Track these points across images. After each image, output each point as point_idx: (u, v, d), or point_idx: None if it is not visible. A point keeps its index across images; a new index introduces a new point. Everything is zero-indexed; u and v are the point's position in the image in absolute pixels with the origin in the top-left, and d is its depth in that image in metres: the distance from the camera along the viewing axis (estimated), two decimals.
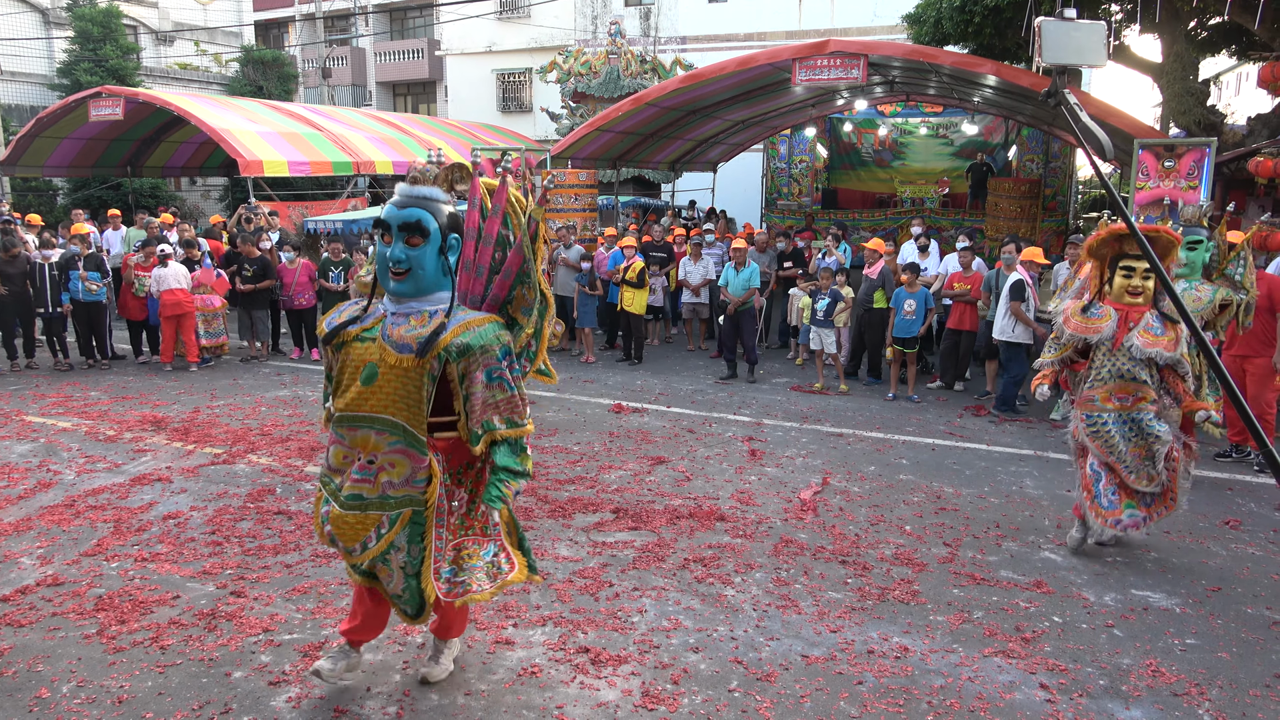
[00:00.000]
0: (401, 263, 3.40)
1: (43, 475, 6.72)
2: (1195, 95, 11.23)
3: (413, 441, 3.44)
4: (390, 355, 3.40)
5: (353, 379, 3.48)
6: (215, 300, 11.18)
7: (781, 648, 4.28)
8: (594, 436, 7.94)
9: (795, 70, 11.92)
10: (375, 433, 3.45)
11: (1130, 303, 5.20)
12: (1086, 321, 5.28)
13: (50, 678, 3.93)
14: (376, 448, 3.46)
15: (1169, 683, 4.03)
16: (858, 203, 20.48)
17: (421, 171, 3.53)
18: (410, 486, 3.48)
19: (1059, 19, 2.75)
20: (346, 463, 3.53)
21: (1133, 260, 5.15)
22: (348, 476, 3.52)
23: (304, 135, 17.67)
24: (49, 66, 24.64)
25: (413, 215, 3.41)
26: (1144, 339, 5.11)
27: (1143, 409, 5.19)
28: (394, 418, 3.43)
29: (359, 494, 3.49)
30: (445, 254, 3.49)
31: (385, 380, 3.42)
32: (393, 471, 3.46)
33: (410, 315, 3.46)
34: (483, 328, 3.45)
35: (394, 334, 3.43)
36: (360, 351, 3.47)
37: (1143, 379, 5.16)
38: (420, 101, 32.50)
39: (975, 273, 9.83)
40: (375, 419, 3.44)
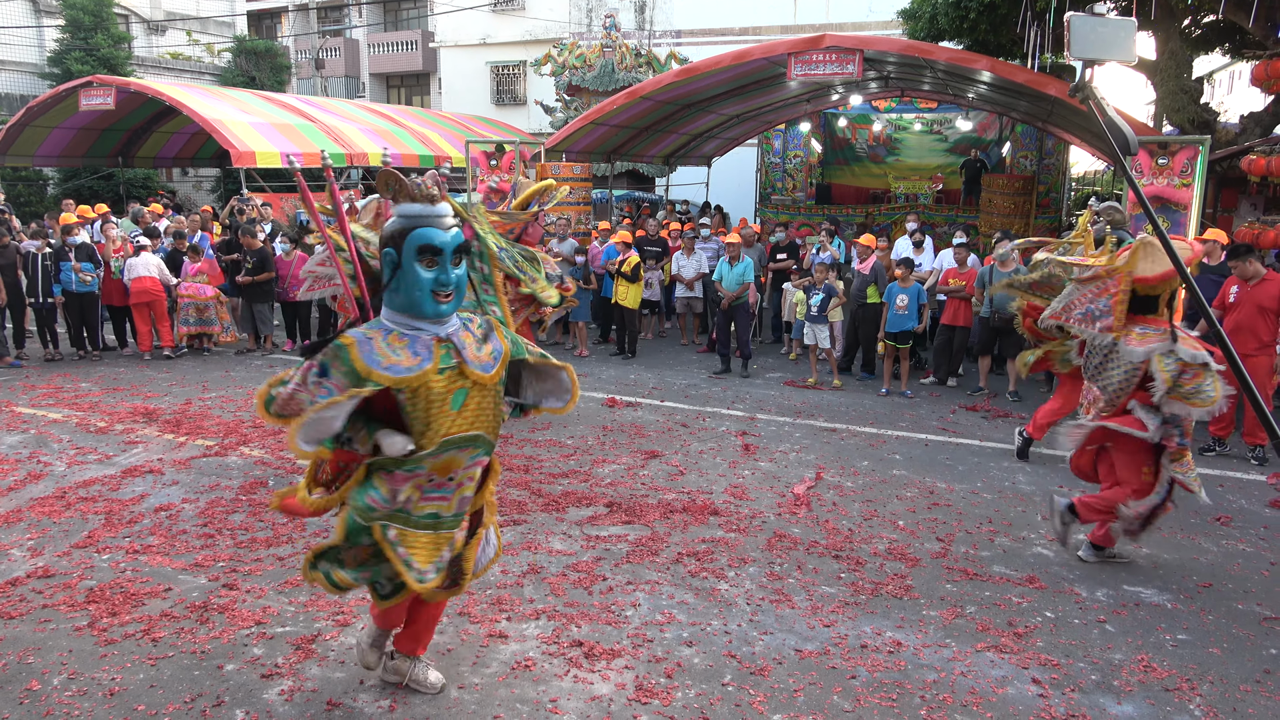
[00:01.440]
0: (460, 281, 3.35)
1: (33, 467, 6.68)
2: (1189, 93, 11.26)
3: (488, 448, 3.50)
4: (480, 376, 3.36)
5: (442, 409, 3.30)
6: (207, 290, 11.19)
7: (775, 642, 4.28)
8: (587, 430, 7.93)
9: (790, 65, 11.89)
10: (459, 450, 3.38)
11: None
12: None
13: (41, 670, 3.91)
14: (457, 464, 3.40)
15: (1160, 678, 4.05)
16: (852, 198, 20.47)
17: (432, 187, 3.40)
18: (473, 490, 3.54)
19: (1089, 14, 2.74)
20: (415, 490, 3.38)
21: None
22: (416, 499, 3.38)
23: (296, 126, 17.59)
24: (39, 55, 24.48)
25: (459, 237, 3.35)
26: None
27: None
28: (481, 432, 3.42)
29: (435, 513, 3.42)
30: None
31: (473, 400, 3.36)
32: (469, 485, 3.48)
33: (463, 330, 3.41)
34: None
35: (472, 355, 3.37)
36: (442, 380, 3.29)
37: None
38: (414, 93, 32.38)
39: (970, 269, 9.85)
40: (464, 438, 3.37)
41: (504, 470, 6.67)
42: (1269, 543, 5.70)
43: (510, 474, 6.62)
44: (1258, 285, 7.37)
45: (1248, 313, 7.36)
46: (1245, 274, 7.41)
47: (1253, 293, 7.38)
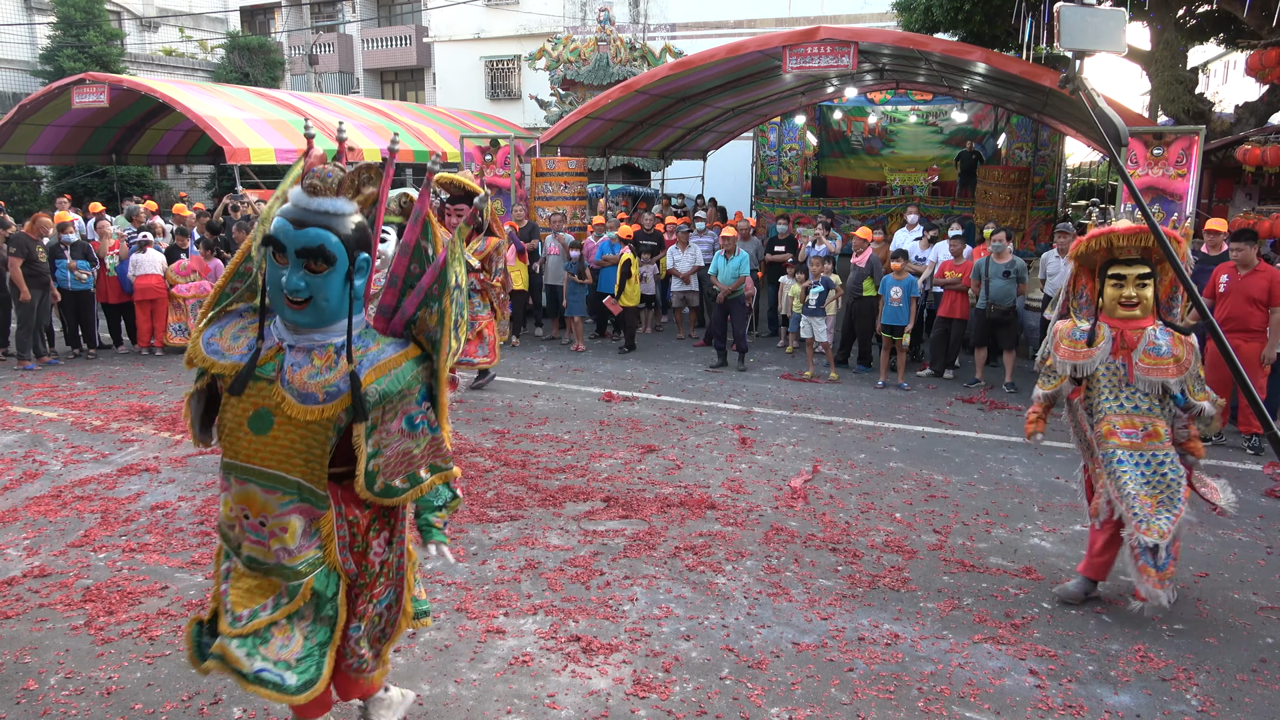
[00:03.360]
0: (301, 292, 2.78)
1: (29, 466, 6.66)
2: (1184, 83, 11.26)
3: (309, 497, 2.89)
4: (292, 406, 2.81)
5: (239, 422, 2.88)
6: (206, 285, 11.21)
7: (772, 635, 4.29)
8: (584, 425, 7.92)
9: (785, 57, 11.87)
10: (264, 491, 2.88)
11: (1124, 316, 4.47)
12: (1075, 346, 4.55)
13: (38, 669, 3.90)
14: (265, 509, 2.89)
15: (1157, 668, 4.06)
16: (847, 191, 20.47)
17: (322, 178, 2.86)
18: (308, 545, 2.92)
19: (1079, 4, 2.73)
20: (233, 516, 2.99)
21: (1122, 265, 4.44)
22: (243, 535, 2.97)
23: (291, 123, 17.52)
24: (31, 53, 24.37)
25: (314, 239, 2.77)
26: (1145, 363, 4.40)
27: (1157, 446, 4.44)
28: (288, 474, 2.86)
29: (254, 557, 2.95)
30: (352, 279, 2.86)
31: (282, 431, 2.83)
32: (284, 536, 2.89)
33: (312, 351, 2.86)
34: (400, 369, 2.88)
35: (295, 379, 2.82)
36: (253, 391, 2.86)
37: (1151, 410, 4.44)
38: (408, 89, 32.30)
39: (966, 261, 9.85)
40: (266, 474, 2.87)
41: (501, 466, 6.66)
42: (1265, 532, 5.71)
43: (507, 469, 6.62)
44: (1248, 276, 7.38)
45: (1237, 302, 7.36)
46: (1245, 260, 7.38)
47: (1243, 283, 7.39)
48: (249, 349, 2.90)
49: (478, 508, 5.81)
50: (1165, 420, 4.47)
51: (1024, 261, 9.84)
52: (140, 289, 10.82)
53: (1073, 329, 4.63)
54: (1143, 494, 4.42)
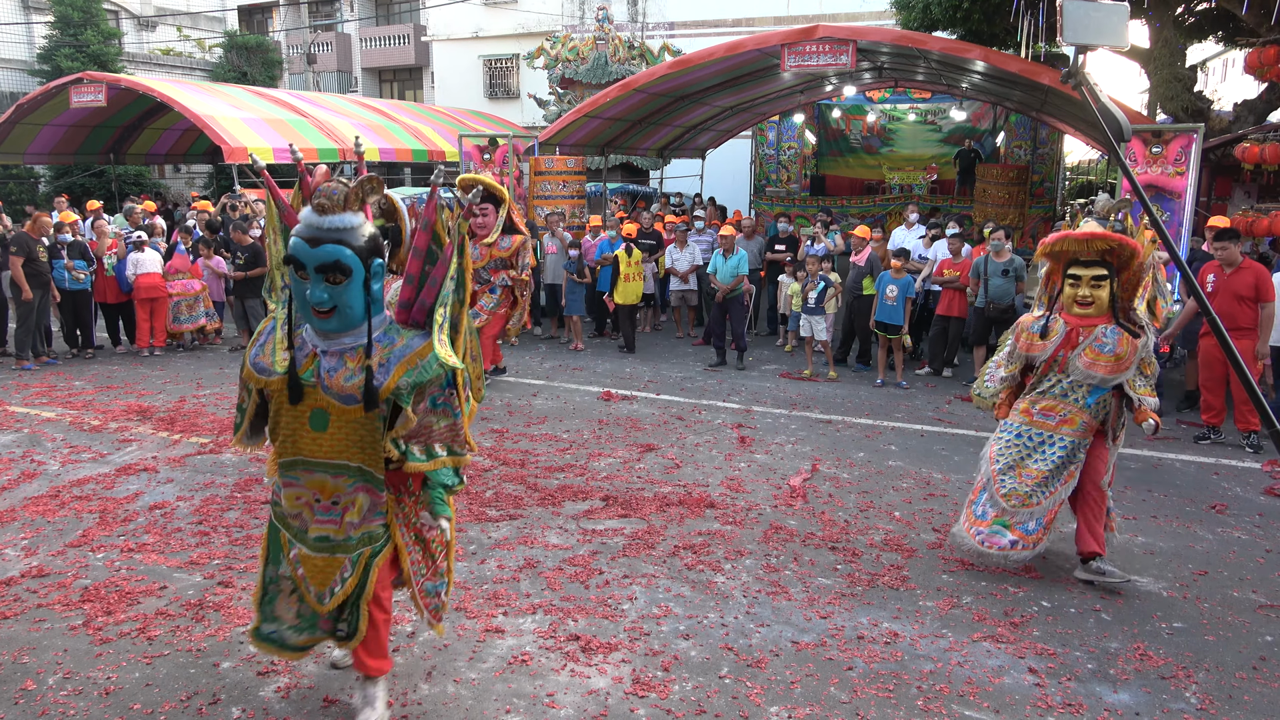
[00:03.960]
0: (325, 303, 3.13)
1: (27, 466, 6.66)
2: (1182, 81, 11.26)
3: (370, 479, 3.32)
4: (336, 408, 3.22)
5: (299, 422, 3.28)
6: (194, 284, 11.22)
7: (771, 634, 4.28)
8: (583, 424, 7.92)
9: (784, 56, 11.87)
10: (332, 476, 3.31)
11: (1080, 314, 4.74)
12: (1031, 339, 4.87)
13: (36, 669, 3.89)
14: (337, 490, 3.32)
15: (1156, 666, 4.06)
16: (846, 189, 20.47)
17: (329, 196, 3.12)
18: (369, 522, 3.37)
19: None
20: (300, 504, 3.39)
21: (1080, 267, 4.71)
22: (312, 517, 3.37)
23: (289, 122, 17.52)
24: (29, 52, 24.34)
25: (329, 255, 3.08)
26: (1087, 358, 4.69)
27: (1065, 432, 4.82)
28: (351, 462, 3.29)
29: (325, 535, 3.37)
30: (368, 286, 3.20)
31: (337, 427, 3.24)
32: (354, 510, 3.34)
33: (344, 354, 3.22)
34: (425, 360, 3.24)
35: (333, 383, 3.21)
36: (305, 396, 3.25)
37: (1076, 400, 4.77)
38: (406, 88, 32.29)
39: (964, 259, 9.85)
40: (332, 465, 3.29)
41: (500, 465, 6.66)
42: (1264, 530, 5.71)
43: (506, 468, 6.61)
44: (1234, 274, 7.44)
45: (1225, 300, 7.42)
46: (1229, 259, 7.45)
47: (1229, 281, 7.45)
48: (289, 360, 3.26)
49: (476, 507, 5.81)
50: (1087, 414, 4.79)
51: (1023, 260, 9.84)
52: (142, 287, 10.77)
53: (1032, 322, 4.93)
54: (1029, 466, 4.87)
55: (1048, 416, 4.86)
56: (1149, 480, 6.64)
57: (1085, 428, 4.82)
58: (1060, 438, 4.84)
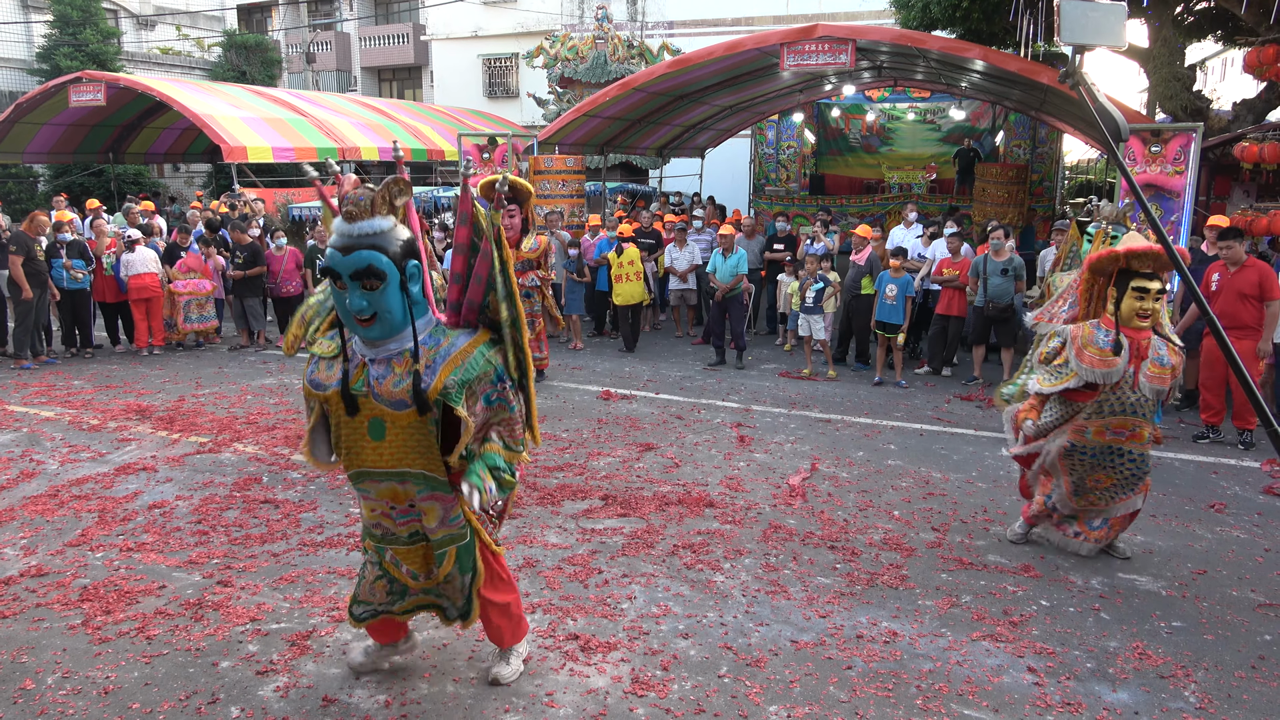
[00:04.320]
0: (364, 310, 3.14)
1: (26, 465, 6.65)
2: (1182, 80, 11.25)
3: (437, 485, 3.38)
4: (389, 415, 3.25)
5: (358, 434, 3.33)
6: (205, 284, 11.22)
7: (771, 633, 4.28)
8: (582, 423, 7.92)
9: (783, 55, 11.86)
10: (400, 484, 3.38)
11: (1139, 327, 4.75)
12: (1103, 355, 4.74)
13: (35, 669, 3.89)
14: (409, 495, 3.41)
15: (1155, 665, 4.06)
16: (845, 188, 20.46)
17: (355, 203, 3.12)
18: (447, 527, 3.46)
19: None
20: (377, 514, 3.50)
21: (1145, 280, 4.69)
22: (394, 523, 3.50)
23: (288, 121, 17.51)
24: (28, 51, 24.31)
25: (362, 260, 3.09)
26: (1152, 372, 4.75)
27: (1134, 445, 4.93)
28: (412, 468, 3.33)
29: (415, 530, 3.50)
30: (407, 288, 3.20)
31: (394, 435, 3.28)
32: (430, 518, 3.44)
33: (391, 360, 3.24)
34: (471, 357, 3.26)
35: (383, 390, 3.23)
36: (361, 407, 3.30)
37: (1144, 414, 4.85)
38: (406, 87, 32.26)
39: (963, 258, 9.85)
40: (394, 473, 3.35)
41: None
42: (1263, 529, 5.72)
43: None
44: (1238, 272, 7.43)
45: (1229, 299, 7.41)
46: (1234, 258, 7.44)
47: (1233, 280, 7.44)
48: (342, 374, 3.29)
49: None
50: (1150, 426, 4.94)
51: (1022, 259, 9.84)
52: (135, 288, 10.76)
53: (1095, 336, 4.80)
54: (1091, 476, 5.01)
55: (1119, 433, 4.92)
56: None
57: (1150, 440, 4.98)
58: (1129, 450, 4.95)
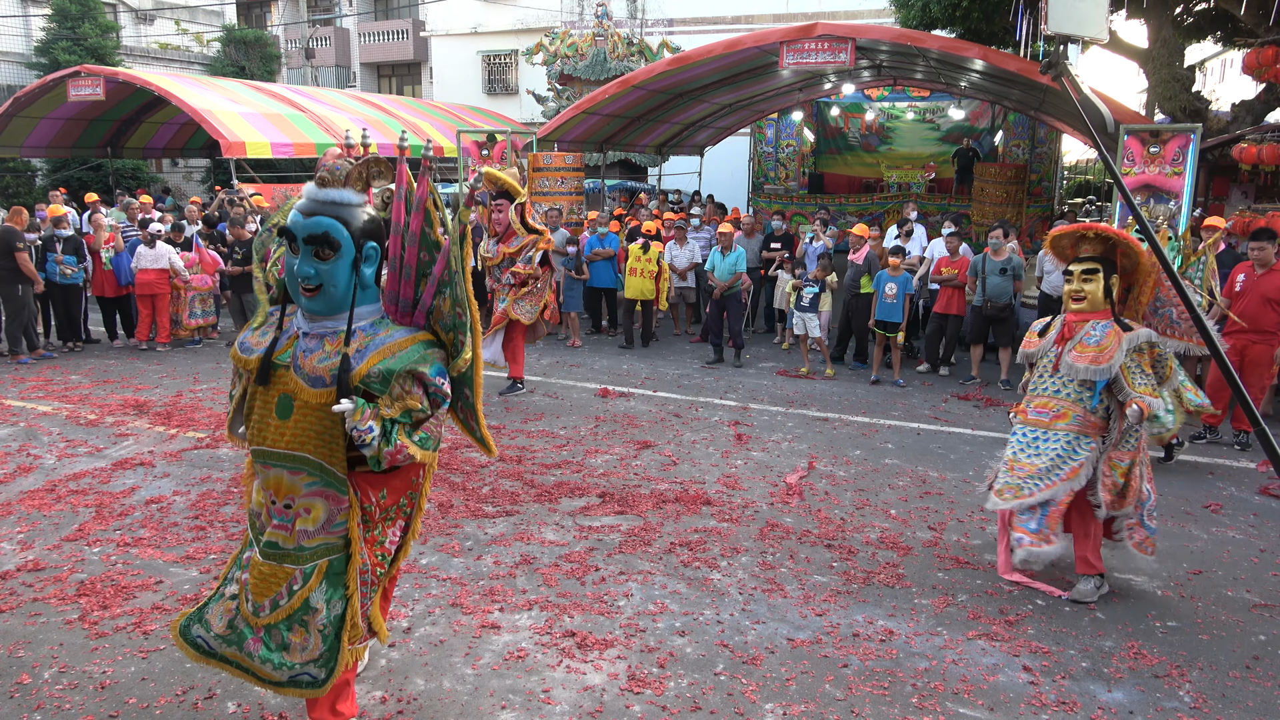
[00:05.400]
0: (311, 278, 2.97)
1: (23, 460, 6.65)
2: (1181, 81, 11.26)
3: (331, 481, 3.05)
4: (304, 390, 3.00)
5: (266, 409, 3.07)
6: (207, 279, 11.22)
7: (767, 631, 4.29)
8: (580, 421, 7.92)
9: (782, 53, 11.87)
10: (289, 473, 3.06)
11: (1075, 309, 4.73)
12: (1030, 335, 4.93)
13: (32, 663, 3.89)
14: (292, 490, 3.07)
15: (1150, 665, 4.07)
16: (844, 187, 20.48)
17: (331, 170, 3.05)
18: (328, 533, 3.08)
19: None
20: (262, 501, 3.17)
21: (1076, 263, 4.74)
22: (268, 521, 3.14)
23: (287, 116, 17.50)
24: (26, 45, 24.24)
25: (319, 226, 2.96)
26: (1075, 352, 4.63)
27: (1060, 427, 4.71)
28: (310, 455, 3.03)
29: (275, 541, 3.10)
30: (358, 268, 3.05)
31: (300, 415, 3.01)
32: (308, 518, 3.07)
33: (324, 338, 3.05)
34: (405, 350, 3.03)
35: (305, 364, 3.02)
36: (273, 379, 3.06)
37: (1068, 395, 4.69)
38: (405, 83, 32.22)
39: (962, 257, 9.86)
40: (290, 456, 3.04)
41: (497, 461, 6.66)
42: (1258, 530, 5.73)
43: (503, 464, 6.62)
44: (1265, 275, 7.31)
45: (1253, 301, 7.30)
46: (1262, 259, 7.32)
47: (1259, 282, 7.32)
48: (272, 344, 3.10)
49: (473, 503, 5.81)
50: (1080, 407, 4.68)
51: (1020, 259, 9.86)
52: (140, 283, 10.73)
53: (1038, 325, 5.00)
54: (1022, 460, 4.79)
55: (1041, 414, 4.80)
56: None
57: (1081, 421, 4.66)
58: (1054, 433, 4.71)
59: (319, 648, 3.09)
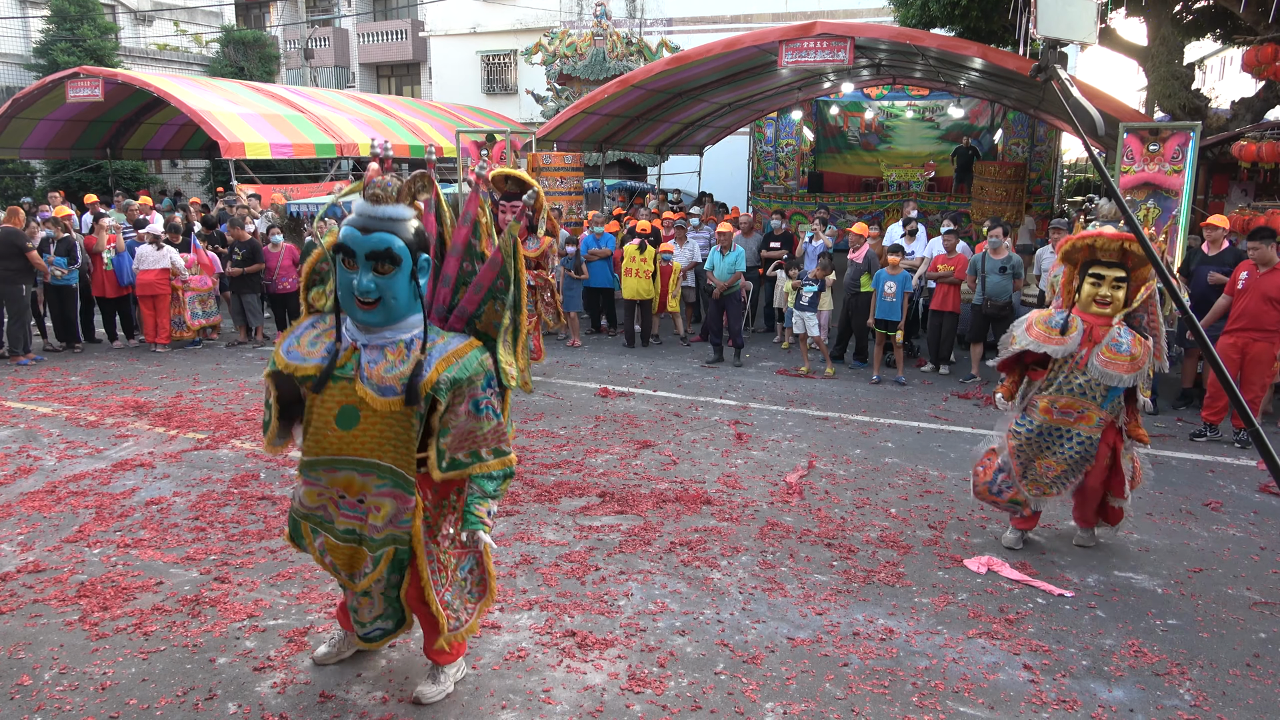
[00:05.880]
0: (371, 293, 3.14)
1: (23, 461, 6.65)
2: (1180, 79, 11.25)
3: (400, 482, 3.29)
4: (374, 399, 3.18)
5: (326, 421, 3.26)
6: (207, 280, 11.22)
7: (767, 630, 4.29)
8: (580, 420, 7.92)
9: (782, 52, 11.86)
10: (360, 475, 3.29)
11: (1098, 313, 4.89)
12: (1049, 332, 4.98)
13: (32, 665, 3.89)
14: (364, 489, 3.32)
15: (1151, 663, 4.07)
16: (844, 186, 20.48)
17: (383, 187, 3.20)
18: (395, 526, 3.35)
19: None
20: (322, 500, 3.41)
21: (1102, 267, 4.87)
22: (338, 512, 3.41)
23: (286, 117, 17.49)
24: (25, 46, 24.25)
25: (381, 242, 3.13)
26: (1105, 357, 4.81)
27: (1081, 429, 5.01)
28: (382, 461, 3.25)
29: (352, 529, 3.41)
30: (416, 278, 3.24)
31: (369, 424, 3.21)
32: (378, 514, 3.33)
33: (385, 348, 3.23)
34: (466, 358, 3.25)
35: (373, 374, 3.19)
36: (335, 392, 3.24)
37: (1094, 398, 4.91)
38: (404, 83, 32.22)
39: (959, 255, 9.85)
40: (359, 463, 3.27)
41: None
42: (1259, 528, 5.73)
43: None
44: (1267, 274, 7.30)
45: (1254, 300, 7.30)
46: (1263, 258, 7.32)
47: (1260, 281, 7.31)
48: (327, 352, 3.26)
49: None
50: (1105, 410, 4.98)
51: (1020, 257, 9.85)
52: (140, 284, 10.72)
53: (1049, 317, 5.07)
54: (1048, 459, 5.11)
55: (1066, 414, 5.03)
56: (1145, 477, 6.64)
57: (1101, 424, 5.01)
58: (1077, 433, 5.03)
59: (380, 607, 3.61)
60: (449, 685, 3.71)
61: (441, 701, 3.66)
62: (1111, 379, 4.83)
